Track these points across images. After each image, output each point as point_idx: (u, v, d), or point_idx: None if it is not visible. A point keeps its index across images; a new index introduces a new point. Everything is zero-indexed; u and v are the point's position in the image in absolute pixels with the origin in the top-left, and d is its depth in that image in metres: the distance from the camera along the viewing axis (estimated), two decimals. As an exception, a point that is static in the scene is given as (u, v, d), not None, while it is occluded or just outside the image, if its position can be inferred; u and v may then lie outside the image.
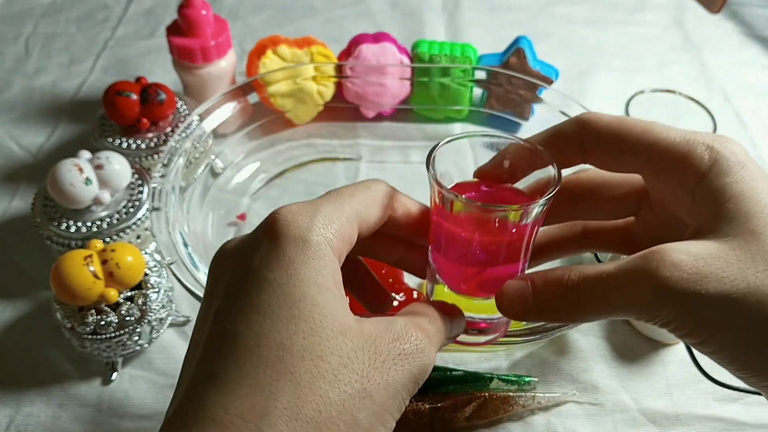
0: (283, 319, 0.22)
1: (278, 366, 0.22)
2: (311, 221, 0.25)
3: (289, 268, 0.23)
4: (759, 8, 0.91)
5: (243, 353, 0.22)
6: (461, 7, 0.89)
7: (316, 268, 0.23)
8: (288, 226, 0.24)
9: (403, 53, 0.68)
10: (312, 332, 0.22)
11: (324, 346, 0.22)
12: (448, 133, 0.70)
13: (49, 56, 0.80)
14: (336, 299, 0.24)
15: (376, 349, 0.23)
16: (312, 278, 0.23)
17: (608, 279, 0.25)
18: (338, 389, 0.22)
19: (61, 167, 0.51)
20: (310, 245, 0.24)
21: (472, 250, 0.29)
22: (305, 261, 0.23)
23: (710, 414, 0.49)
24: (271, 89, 0.64)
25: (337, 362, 0.22)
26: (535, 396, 0.48)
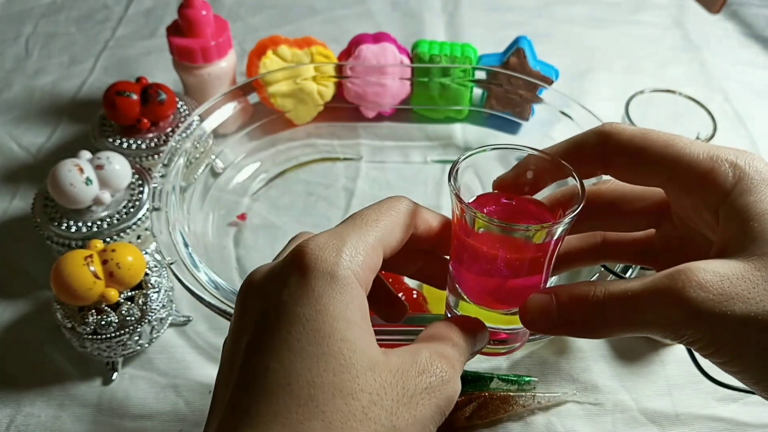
0: (313, 356, 0.22)
1: (310, 405, 0.22)
2: (338, 255, 0.24)
3: (318, 304, 0.23)
4: (759, 8, 0.91)
5: (274, 391, 0.22)
6: (461, 7, 0.89)
7: (344, 303, 0.24)
8: (316, 260, 0.24)
9: (403, 53, 0.68)
10: (342, 369, 0.22)
11: (354, 383, 0.22)
12: (448, 133, 0.70)
13: (50, 56, 0.80)
14: (364, 333, 0.24)
15: (404, 384, 0.23)
16: (341, 313, 0.23)
17: (634, 298, 0.25)
18: (368, 428, 0.22)
19: (62, 167, 0.51)
20: (338, 279, 0.24)
21: (494, 265, 0.29)
22: (334, 296, 0.23)
23: (710, 414, 0.49)
24: (272, 89, 0.64)
25: (367, 399, 0.22)
26: (535, 396, 0.48)
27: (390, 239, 0.28)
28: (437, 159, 0.68)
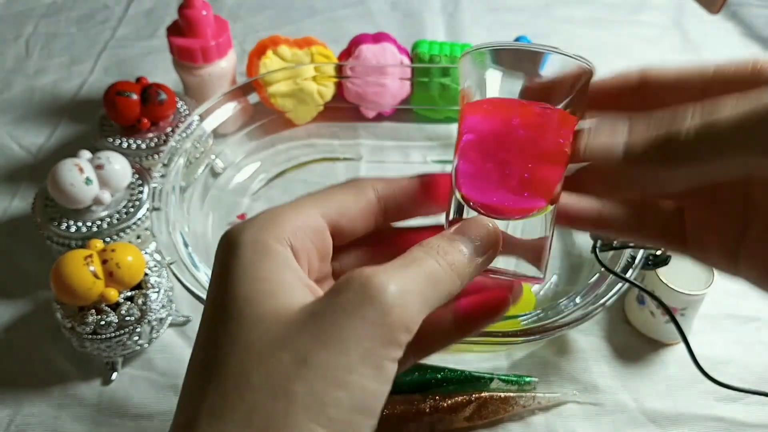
0: (212, 326, 0.22)
1: (206, 371, 0.21)
2: (246, 225, 0.24)
3: (220, 275, 0.23)
4: (759, 8, 0.91)
5: (193, 378, 0.22)
6: (461, 7, 0.89)
7: (242, 264, 0.22)
8: (225, 237, 0.24)
9: (403, 53, 0.68)
10: (237, 327, 0.22)
11: (249, 335, 0.21)
12: (448, 133, 0.70)
13: (50, 56, 0.80)
14: (266, 286, 0.22)
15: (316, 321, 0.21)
16: (238, 275, 0.22)
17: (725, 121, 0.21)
18: (272, 369, 0.20)
19: (62, 167, 0.51)
20: (239, 245, 0.23)
21: (506, 146, 0.26)
22: (233, 261, 0.23)
23: (710, 414, 0.49)
24: (272, 89, 0.64)
25: (267, 346, 0.21)
26: (535, 396, 0.48)
27: (332, 201, 0.26)
28: (437, 159, 0.68)
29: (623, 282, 0.47)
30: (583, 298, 0.48)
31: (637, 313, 0.54)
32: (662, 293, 0.49)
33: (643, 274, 0.52)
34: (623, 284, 0.47)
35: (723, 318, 0.55)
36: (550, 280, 0.57)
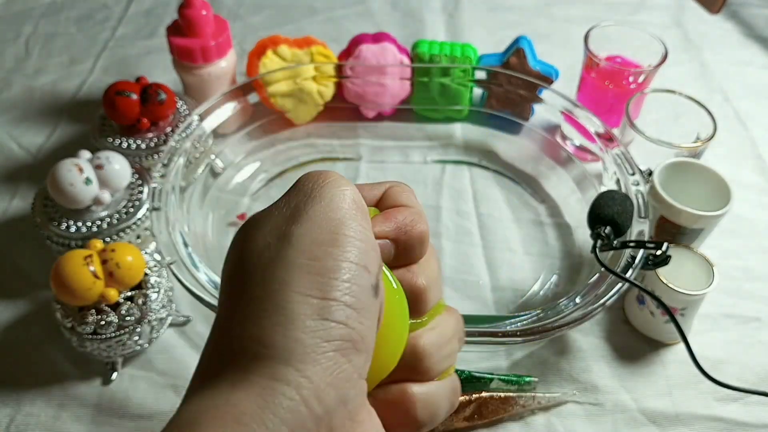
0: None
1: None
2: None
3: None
4: (759, 8, 0.91)
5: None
6: (461, 7, 0.89)
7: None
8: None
9: (403, 53, 0.68)
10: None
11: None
12: (448, 133, 0.70)
13: (49, 56, 0.80)
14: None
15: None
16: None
17: None
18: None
19: (61, 167, 0.51)
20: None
21: None
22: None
23: (710, 414, 0.49)
24: (271, 89, 0.64)
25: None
26: (535, 396, 0.48)
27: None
28: (437, 159, 0.68)
29: (623, 282, 0.47)
30: (583, 298, 0.48)
31: (637, 313, 0.54)
32: (662, 293, 0.49)
33: (642, 274, 0.52)
34: (623, 284, 0.47)
35: (723, 318, 0.55)
36: (550, 280, 0.57)
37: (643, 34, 0.66)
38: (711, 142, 0.57)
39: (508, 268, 0.58)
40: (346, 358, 0.20)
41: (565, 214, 0.63)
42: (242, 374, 0.19)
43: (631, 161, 0.56)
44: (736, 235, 0.62)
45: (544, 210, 0.63)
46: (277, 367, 0.19)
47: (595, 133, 0.59)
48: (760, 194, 0.66)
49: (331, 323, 0.19)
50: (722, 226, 0.54)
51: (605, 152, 0.58)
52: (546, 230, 0.61)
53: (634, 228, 0.50)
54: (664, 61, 0.63)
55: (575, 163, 0.64)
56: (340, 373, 0.19)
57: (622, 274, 0.47)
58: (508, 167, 0.67)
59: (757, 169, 0.69)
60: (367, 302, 0.21)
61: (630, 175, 0.55)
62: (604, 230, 0.48)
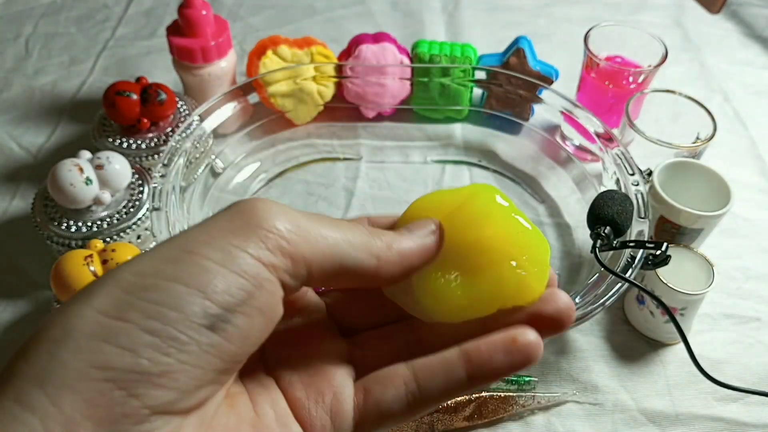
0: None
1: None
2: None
3: None
4: (759, 8, 0.91)
5: None
6: (461, 7, 0.89)
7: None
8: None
9: (403, 53, 0.68)
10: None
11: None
12: (448, 133, 0.70)
13: (50, 56, 0.80)
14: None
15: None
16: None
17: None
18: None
19: (62, 167, 0.51)
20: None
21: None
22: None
23: (710, 414, 0.49)
24: (271, 89, 0.64)
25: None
26: (534, 396, 0.48)
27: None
28: (437, 159, 0.68)
29: (623, 282, 0.47)
30: (583, 298, 0.48)
31: (637, 313, 0.54)
32: (662, 293, 0.49)
33: (642, 273, 0.52)
34: (623, 284, 0.47)
35: (722, 318, 0.55)
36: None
37: (643, 34, 0.66)
38: (711, 142, 0.57)
39: (508, 268, 0.58)
40: (126, 392, 0.16)
41: (565, 214, 0.63)
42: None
43: (630, 161, 0.56)
44: (736, 235, 0.62)
45: (543, 210, 0.63)
46: (28, 390, 0.16)
47: (594, 133, 0.59)
48: (760, 194, 0.66)
49: (113, 348, 0.17)
50: (722, 226, 0.54)
51: (605, 152, 0.58)
52: (546, 230, 0.61)
53: (634, 228, 0.50)
54: (664, 61, 0.63)
55: (575, 163, 0.64)
56: (111, 407, 0.16)
57: (622, 274, 0.47)
58: (507, 167, 0.67)
59: (757, 169, 0.69)
60: (191, 333, 0.17)
61: (630, 175, 0.55)
62: (603, 230, 0.48)
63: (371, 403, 0.22)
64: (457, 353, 0.22)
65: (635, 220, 0.51)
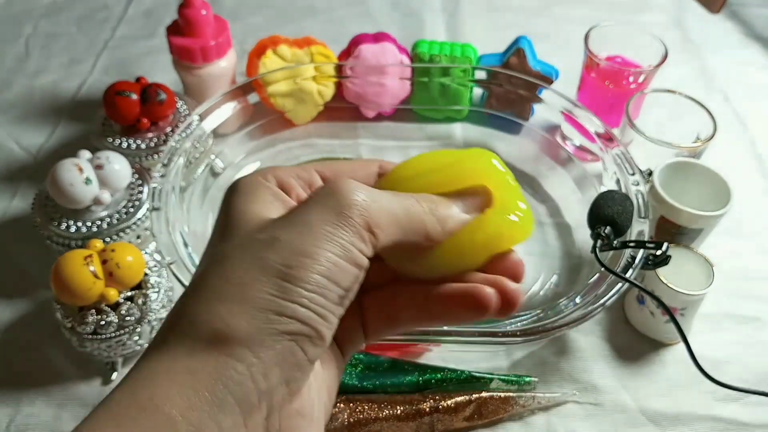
0: (213, 238, 0.27)
1: (202, 263, 0.26)
2: (243, 176, 0.27)
3: (222, 207, 0.27)
4: (759, 8, 0.91)
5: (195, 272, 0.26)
6: (461, 7, 0.89)
7: (238, 196, 0.26)
8: (228, 187, 0.27)
9: (403, 53, 0.68)
10: (230, 231, 0.25)
11: (236, 233, 0.25)
12: (448, 133, 0.70)
13: (50, 56, 0.80)
14: (254, 206, 0.26)
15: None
16: (234, 203, 0.26)
17: None
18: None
19: (61, 167, 0.51)
20: (235, 185, 0.27)
21: None
22: (230, 196, 0.26)
23: (710, 414, 0.49)
24: (271, 89, 0.64)
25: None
26: (535, 396, 0.48)
27: (331, 164, 0.29)
28: (437, 159, 0.68)
29: (623, 282, 0.47)
30: (583, 298, 0.48)
31: (637, 313, 0.54)
32: (662, 293, 0.49)
33: (642, 274, 0.52)
34: (623, 284, 0.47)
35: (723, 318, 0.55)
36: (550, 280, 0.57)
37: (643, 34, 0.66)
38: (711, 142, 0.57)
39: (508, 268, 0.58)
40: (300, 348, 0.23)
41: (565, 214, 0.63)
42: (201, 346, 0.22)
43: (631, 161, 0.56)
44: (736, 235, 0.62)
45: (544, 210, 0.63)
46: (235, 347, 0.22)
47: (595, 133, 0.59)
48: (760, 194, 0.66)
49: (290, 320, 0.22)
50: (722, 226, 0.54)
51: (605, 152, 0.58)
52: (546, 230, 0.61)
53: (634, 228, 0.50)
54: (664, 61, 0.63)
55: (575, 163, 0.64)
56: (290, 358, 0.22)
57: (622, 274, 0.47)
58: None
59: (757, 169, 0.69)
60: (331, 309, 0.23)
61: (630, 175, 0.55)
62: (604, 230, 0.48)
63: (368, 319, 0.28)
64: (424, 296, 0.27)
65: (635, 220, 0.51)
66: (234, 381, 0.21)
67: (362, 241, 0.24)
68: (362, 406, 0.46)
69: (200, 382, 0.21)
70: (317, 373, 0.26)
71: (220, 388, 0.21)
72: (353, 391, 0.47)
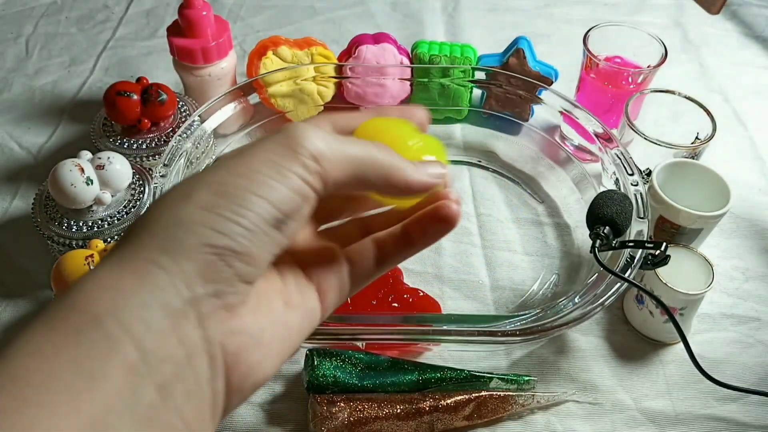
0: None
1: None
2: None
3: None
4: (759, 8, 0.91)
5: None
6: (461, 8, 0.89)
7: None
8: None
9: (403, 54, 0.68)
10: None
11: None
12: (448, 133, 0.70)
13: (50, 56, 0.80)
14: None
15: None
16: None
17: None
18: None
19: (62, 167, 0.51)
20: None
21: None
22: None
23: (710, 414, 0.49)
24: (272, 90, 0.64)
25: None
26: (534, 395, 0.48)
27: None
28: (437, 159, 0.68)
29: (622, 282, 0.47)
30: (582, 298, 0.48)
31: (636, 313, 0.54)
32: (661, 293, 0.49)
33: (642, 273, 0.52)
34: (622, 284, 0.47)
35: (722, 318, 0.55)
36: (549, 279, 0.57)
37: (642, 35, 0.66)
38: (710, 142, 0.58)
39: (508, 267, 0.58)
40: (225, 263, 0.23)
41: (565, 214, 0.63)
42: (130, 254, 0.23)
43: (630, 161, 0.56)
44: (736, 235, 0.62)
45: (543, 210, 0.63)
46: (159, 256, 0.23)
47: (594, 133, 0.59)
48: (760, 194, 0.66)
49: (214, 233, 0.23)
50: (722, 226, 0.55)
51: (604, 152, 0.58)
52: (545, 230, 0.62)
53: (633, 228, 0.51)
54: (664, 61, 0.63)
55: (574, 163, 0.64)
56: (215, 272, 0.23)
57: (621, 273, 0.47)
58: (507, 167, 0.67)
59: (757, 169, 0.69)
60: (265, 229, 0.24)
61: (629, 175, 0.55)
62: (603, 230, 0.48)
63: (356, 268, 0.30)
64: (402, 227, 0.31)
65: (634, 220, 0.51)
66: (156, 287, 0.22)
67: (306, 171, 0.25)
68: (362, 405, 0.46)
69: (126, 285, 0.22)
70: (276, 307, 0.27)
71: (143, 294, 0.22)
72: (353, 390, 0.47)
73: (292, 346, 0.28)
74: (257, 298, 0.26)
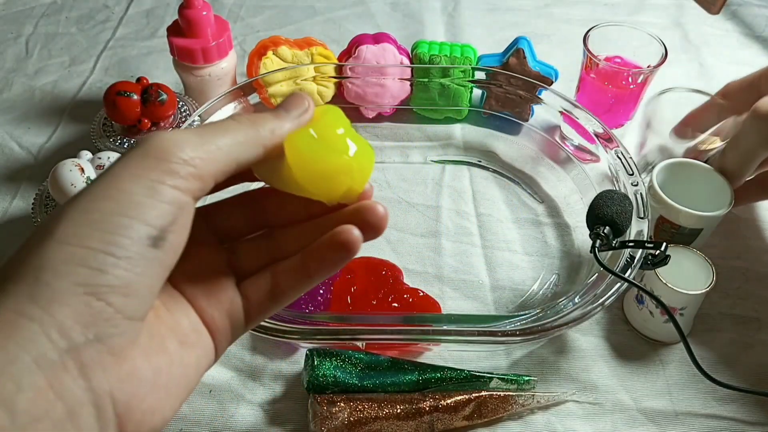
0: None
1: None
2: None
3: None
4: (759, 8, 0.91)
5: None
6: (461, 8, 0.89)
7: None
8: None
9: (403, 54, 0.68)
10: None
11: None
12: (448, 133, 0.70)
13: (50, 56, 0.80)
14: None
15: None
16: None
17: None
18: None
19: (62, 167, 0.51)
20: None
21: None
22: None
23: (710, 413, 0.49)
24: (272, 90, 0.64)
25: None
26: (534, 395, 0.48)
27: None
28: (437, 159, 0.68)
29: (622, 282, 0.47)
30: (582, 298, 0.48)
31: (636, 313, 0.54)
32: (661, 293, 0.49)
33: (642, 273, 0.52)
34: (622, 284, 0.47)
35: (722, 318, 0.55)
36: (549, 279, 0.57)
37: (642, 35, 0.66)
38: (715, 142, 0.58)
39: (508, 267, 0.58)
40: (104, 302, 0.21)
41: (565, 214, 0.63)
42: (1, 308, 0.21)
43: (630, 161, 0.56)
44: (736, 235, 0.62)
45: (543, 210, 0.63)
46: (27, 306, 0.21)
47: (594, 133, 0.59)
48: (760, 194, 0.66)
49: (86, 270, 0.21)
50: (722, 226, 0.55)
51: (604, 152, 0.58)
52: (545, 230, 0.62)
53: (633, 228, 0.51)
54: (664, 61, 0.63)
55: (574, 164, 0.64)
56: (93, 314, 0.21)
57: (621, 273, 0.47)
58: (507, 167, 0.67)
59: (757, 169, 0.69)
60: (142, 252, 0.22)
61: (629, 175, 0.55)
62: (603, 230, 0.48)
63: (251, 302, 0.28)
64: (300, 257, 0.28)
65: (634, 220, 0.51)
66: (26, 339, 0.20)
67: (178, 177, 0.23)
68: (362, 405, 0.46)
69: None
70: (170, 345, 0.25)
71: (12, 348, 0.20)
72: (353, 390, 0.47)
73: (191, 386, 0.26)
74: (149, 337, 0.23)
